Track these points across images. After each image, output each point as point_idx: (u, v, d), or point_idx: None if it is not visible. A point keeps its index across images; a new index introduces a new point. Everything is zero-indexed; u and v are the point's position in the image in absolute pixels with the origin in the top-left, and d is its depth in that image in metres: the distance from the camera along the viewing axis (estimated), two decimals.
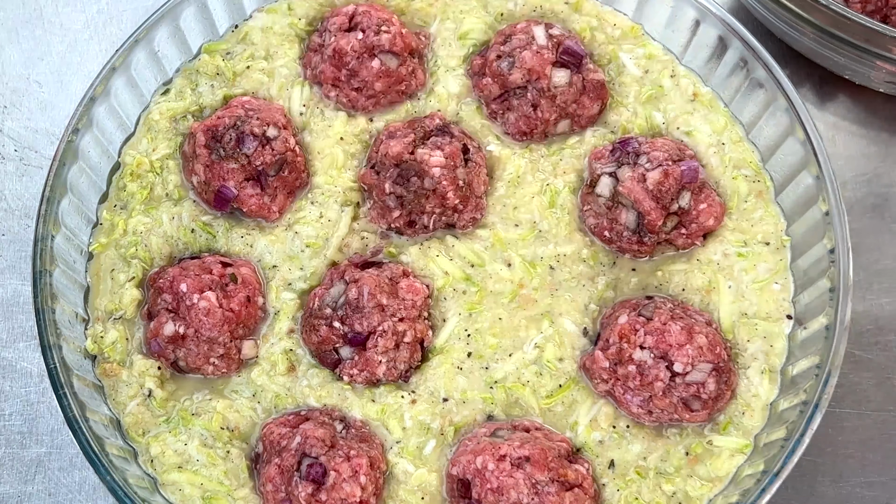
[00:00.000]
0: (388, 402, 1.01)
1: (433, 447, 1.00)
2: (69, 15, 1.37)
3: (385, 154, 1.07)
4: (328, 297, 1.03)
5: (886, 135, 1.27)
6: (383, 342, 1.00)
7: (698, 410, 0.98)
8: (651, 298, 1.04)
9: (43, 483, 1.12)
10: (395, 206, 1.08)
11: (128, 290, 1.06)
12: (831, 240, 1.03)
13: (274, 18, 1.19)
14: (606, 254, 1.08)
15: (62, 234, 1.06)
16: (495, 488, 0.92)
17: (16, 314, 1.20)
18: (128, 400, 1.03)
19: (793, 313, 1.05)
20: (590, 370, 1.01)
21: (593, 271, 1.07)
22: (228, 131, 1.07)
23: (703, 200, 1.06)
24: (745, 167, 1.11)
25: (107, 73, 1.12)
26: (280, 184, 1.09)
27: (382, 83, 1.13)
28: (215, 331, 1.01)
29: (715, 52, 1.14)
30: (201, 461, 0.99)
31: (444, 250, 1.07)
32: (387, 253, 1.08)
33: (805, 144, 1.07)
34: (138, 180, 1.12)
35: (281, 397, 1.02)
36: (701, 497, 0.98)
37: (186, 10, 1.17)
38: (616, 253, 1.08)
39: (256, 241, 1.09)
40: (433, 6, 1.20)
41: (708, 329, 0.99)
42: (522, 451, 0.93)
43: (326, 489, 0.93)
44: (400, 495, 0.98)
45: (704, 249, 1.08)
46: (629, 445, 0.99)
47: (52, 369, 0.99)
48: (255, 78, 1.16)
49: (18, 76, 1.33)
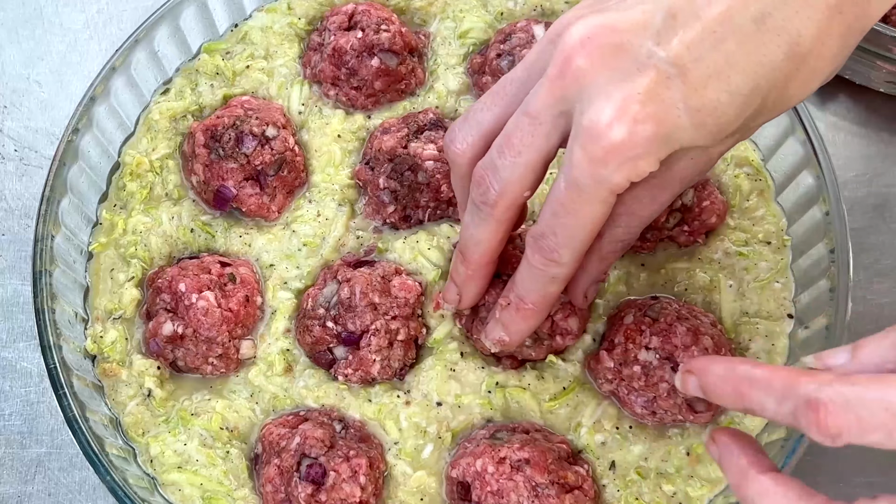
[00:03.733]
0: (384, 401, 1.01)
1: (431, 451, 0.99)
2: (69, 15, 1.37)
3: (378, 149, 1.07)
4: (321, 297, 1.03)
5: (886, 135, 1.27)
6: (376, 341, 1.00)
7: (702, 412, 0.98)
8: (657, 299, 1.03)
9: (43, 483, 1.12)
10: (390, 201, 1.08)
11: (127, 289, 1.06)
12: (831, 240, 1.03)
13: (274, 18, 1.19)
14: None
15: (62, 234, 1.06)
16: (495, 491, 0.92)
17: (16, 314, 1.20)
18: (127, 400, 1.03)
19: (794, 312, 1.05)
20: (594, 370, 1.01)
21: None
22: (228, 131, 1.07)
23: (706, 198, 1.06)
24: (747, 165, 1.11)
25: (107, 73, 1.12)
26: (279, 183, 1.09)
27: (382, 82, 1.13)
28: (214, 330, 1.01)
29: None
30: (201, 461, 0.99)
31: (434, 241, 1.07)
32: (378, 250, 1.08)
33: (805, 144, 1.07)
34: (138, 180, 1.12)
35: (279, 398, 1.02)
36: (701, 497, 0.98)
37: (186, 10, 1.17)
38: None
39: (254, 240, 1.09)
40: (433, 5, 1.20)
41: (713, 330, 0.99)
42: (522, 453, 0.93)
43: (326, 489, 0.93)
44: (399, 497, 0.98)
45: (706, 248, 1.08)
46: (631, 446, 0.99)
47: (52, 369, 0.99)
48: (255, 77, 1.16)
49: (18, 76, 1.33)
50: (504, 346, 0.97)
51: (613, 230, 0.87)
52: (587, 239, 0.82)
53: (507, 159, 0.82)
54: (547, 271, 0.85)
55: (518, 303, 0.91)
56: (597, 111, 0.74)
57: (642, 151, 0.75)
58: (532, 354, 1.02)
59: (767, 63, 0.74)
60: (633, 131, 0.74)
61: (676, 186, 0.84)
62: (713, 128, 0.76)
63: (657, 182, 0.82)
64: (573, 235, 0.82)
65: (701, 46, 0.73)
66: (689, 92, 0.74)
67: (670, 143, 0.76)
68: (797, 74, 0.76)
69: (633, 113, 0.73)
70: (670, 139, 0.75)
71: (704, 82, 0.74)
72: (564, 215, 0.80)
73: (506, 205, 0.85)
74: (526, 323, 0.93)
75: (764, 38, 0.74)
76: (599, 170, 0.76)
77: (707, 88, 0.74)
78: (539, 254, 0.84)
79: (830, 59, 0.77)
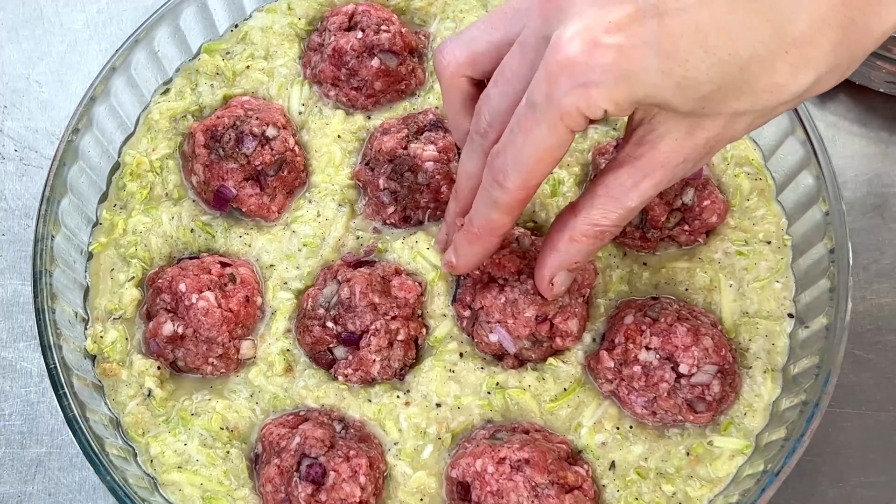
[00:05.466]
0: (384, 402, 1.01)
1: (431, 451, 0.99)
2: (69, 15, 1.37)
3: (378, 150, 1.07)
4: (321, 297, 1.03)
5: (886, 135, 1.27)
6: (376, 341, 1.00)
7: (703, 412, 0.98)
8: (657, 299, 1.03)
9: (43, 483, 1.12)
10: (390, 202, 1.08)
11: (127, 289, 1.06)
12: (832, 240, 1.03)
13: (274, 18, 1.19)
14: (616, 245, 1.08)
15: (62, 234, 1.06)
16: (495, 491, 0.92)
17: (16, 314, 1.20)
18: (127, 400, 1.03)
19: (794, 312, 1.05)
20: (594, 370, 1.01)
21: (603, 263, 1.07)
22: (227, 131, 1.07)
23: (707, 197, 1.06)
24: (747, 165, 1.11)
25: (107, 73, 1.12)
26: (279, 183, 1.09)
27: (382, 82, 1.13)
28: (214, 331, 1.01)
29: None
30: (201, 461, 0.99)
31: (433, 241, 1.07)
32: (378, 250, 1.08)
33: (805, 144, 1.07)
34: (138, 180, 1.12)
35: (279, 398, 1.02)
36: (701, 497, 0.97)
37: (186, 10, 1.17)
38: (620, 248, 1.08)
39: (254, 240, 1.09)
40: (433, 5, 1.20)
41: (714, 331, 0.99)
42: (522, 453, 0.93)
43: (326, 489, 0.93)
44: (399, 497, 0.98)
45: (706, 248, 1.08)
46: (631, 446, 0.99)
47: (52, 369, 0.99)
48: (255, 77, 1.16)
49: (18, 76, 1.33)
50: (452, 270, 0.96)
51: (590, 211, 0.85)
52: (535, 167, 0.80)
53: (499, 87, 0.81)
54: (491, 193, 0.84)
55: (468, 225, 0.90)
56: (564, 28, 0.73)
57: (597, 79, 0.73)
58: (532, 356, 1.02)
59: (752, 35, 0.72)
60: (589, 52, 0.72)
61: (659, 174, 0.81)
62: (680, 79, 0.73)
63: (640, 164, 0.81)
64: (519, 158, 0.80)
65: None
66: (662, 35, 0.72)
67: (632, 85, 0.73)
68: (786, 57, 0.73)
69: (595, 36, 0.72)
70: (632, 79, 0.73)
71: (681, 31, 0.71)
72: (517, 133, 0.79)
73: (494, 136, 0.83)
74: (471, 247, 0.92)
75: (758, 9, 0.71)
76: (552, 88, 0.74)
77: (683, 38, 0.71)
78: (489, 174, 0.84)
79: (826, 51, 0.73)
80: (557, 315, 1.00)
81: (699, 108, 0.76)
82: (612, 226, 0.86)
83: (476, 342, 1.02)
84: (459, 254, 0.94)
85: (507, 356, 1.02)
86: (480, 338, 1.01)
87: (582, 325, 1.03)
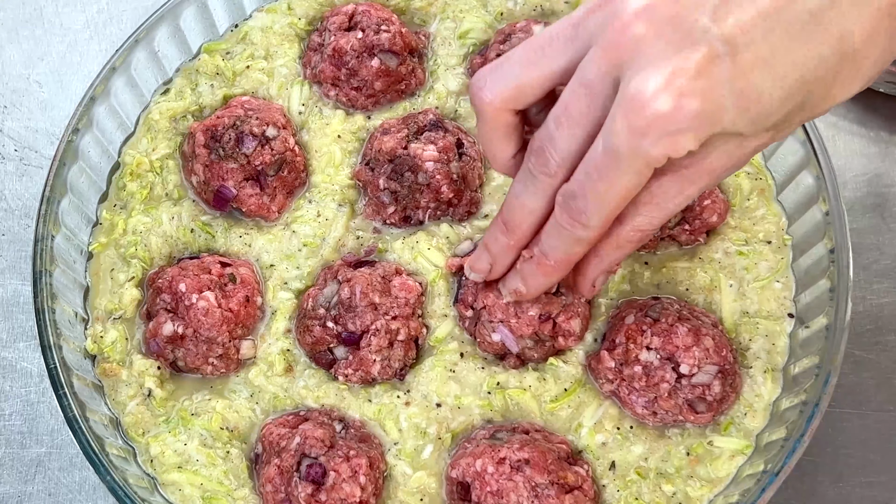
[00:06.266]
0: (384, 402, 1.01)
1: (431, 451, 0.99)
2: (69, 15, 1.37)
3: (379, 150, 1.07)
4: (321, 297, 1.03)
5: (886, 134, 1.27)
6: (377, 341, 1.00)
7: (703, 412, 0.98)
8: (658, 299, 1.03)
9: (43, 483, 1.12)
10: (390, 202, 1.08)
11: (127, 289, 1.06)
12: (831, 240, 1.03)
13: (274, 18, 1.19)
14: None
15: (62, 234, 1.06)
16: (495, 491, 0.92)
17: (16, 314, 1.20)
18: (127, 400, 1.03)
19: (794, 312, 1.05)
20: (595, 370, 1.01)
21: None
22: (227, 131, 1.07)
23: (707, 197, 1.06)
24: (747, 164, 1.11)
25: (107, 73, 1.12)
26: (279, 183, 1.09)
27: (382, 82, 1.13)
28: (214, 331, 1.01)
29: None
30: (201, 461, 0.99)
31: (434, 241, 1.07)
32: (378, 250, 1.08)
33: (805, 144, 1.07)
34: (138, 180, 1.12)
35: (279, 398, 1.02)
36: (701, 497, 0.97)
37: (186, 10, 1.17)
38: None
39: (254, 240, 1.09)
40: (433, 5, 1.20)
41: (714, 331, 0.99)
42: (522, 453, 0.93)
43: (326, 489, 0.93)
44: (399, 497, 0.98)
45: (706, 247, 1.08)
46: (631, 447, 0.99)
47: (52, 369, 0.99)
48: (255, 77, 1.16)
49: (18, 76, 1.33)
50: (520, 297, 0.97)
51: (635, 218, 0.86)
52: (616, 207, 0.82)
53: (565, 130, 0.81)
54: (573, 232, 0.85)
55: (540, 258, 0.91)
56: (643, 80, 0.73)
57: (684, 127, 0.74)
58: (535, 355, 1.02)
59: (815, 57, 0.74)
60: (678, 105, 0.73)
61: (705, 180, 0.83)
62: (754, 114, 0.75)
63: (687, 172, 0.81)
64: (603, 202, 0.81)
65: (754, 31, 0.73)
66: (736, 73, 0.73)
67: (712, 124, 0.75)
68: (842, 73, 0.75)
69: (680, 86, 0.73)
70: (713, 119, 0.74)
71: (752, 66, 0.73)
72: (598, 180, 0.80)
73: (564, 175, 0.84)
74: (545, 279, 0.93)
75: (815, 31, 0.73)
76: (639, 140, 0.75)
77: (754, 73, 0.73)
78: (567, 214, 0.84)
79: (874, 61, 0.76)
80: (560, 314, 1.00)
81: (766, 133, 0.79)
82: (655, 229, 0.88)
83: (478, 342, 1.02)
84: (530, 284, 0.94)
85: (510, 356, 1.02)
86: (483, 337, 1.01)
87: (584, 324, 1.03)
